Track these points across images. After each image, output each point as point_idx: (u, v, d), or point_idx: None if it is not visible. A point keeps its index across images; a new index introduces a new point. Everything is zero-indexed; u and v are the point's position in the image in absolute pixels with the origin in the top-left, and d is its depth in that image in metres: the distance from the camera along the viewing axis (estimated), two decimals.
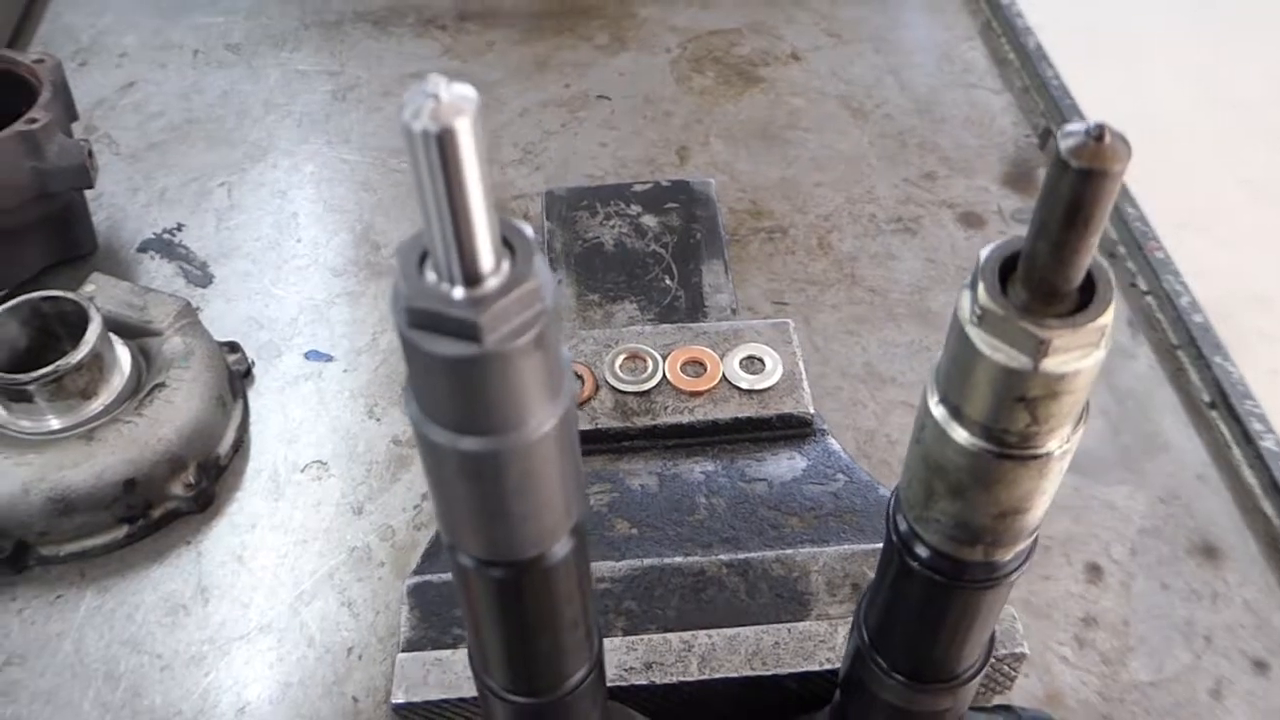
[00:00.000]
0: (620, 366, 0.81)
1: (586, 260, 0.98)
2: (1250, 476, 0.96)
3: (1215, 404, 1.01)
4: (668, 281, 0.96)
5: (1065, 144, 0.32)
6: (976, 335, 0.36)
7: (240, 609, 0.86)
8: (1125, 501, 0.95)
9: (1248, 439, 0.97)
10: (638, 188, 1.03)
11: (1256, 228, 1.28)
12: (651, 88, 1.37)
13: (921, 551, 0.45)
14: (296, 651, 0.84)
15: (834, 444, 0.78)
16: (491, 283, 0.33)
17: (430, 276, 0.34)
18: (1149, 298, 1.11)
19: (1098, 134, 0.32)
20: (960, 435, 0.39)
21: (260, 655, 0.83)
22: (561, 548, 0.42)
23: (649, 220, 1.00)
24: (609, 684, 0.61)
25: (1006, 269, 0.37)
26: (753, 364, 0.81)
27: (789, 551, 0.69)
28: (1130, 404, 1.02)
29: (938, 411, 0.40)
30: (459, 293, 0.33)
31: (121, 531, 0.89)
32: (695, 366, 0.81)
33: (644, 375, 0.80)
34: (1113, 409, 1.01)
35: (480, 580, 0.43)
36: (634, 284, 0.96)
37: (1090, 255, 0.34)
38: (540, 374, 0.36)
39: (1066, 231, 0.33)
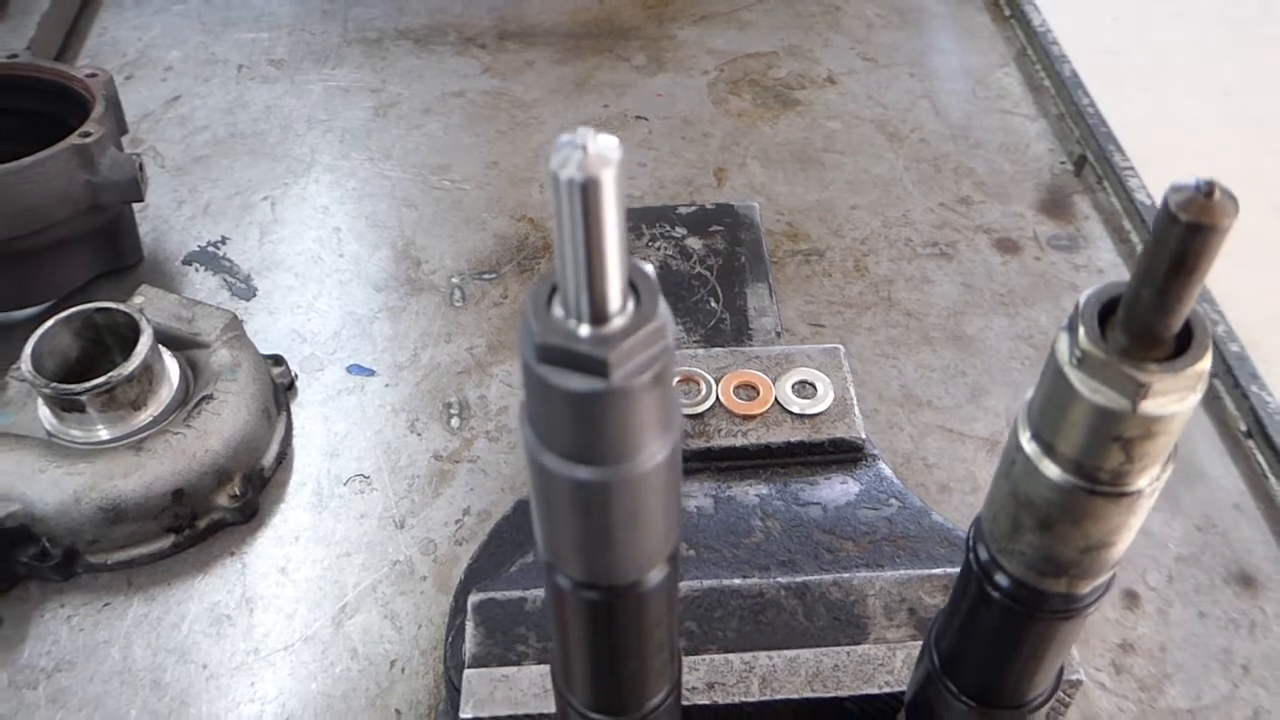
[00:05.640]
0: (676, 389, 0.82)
1: None
2: None
3: (1251, 433, 1.02)
4: (713, 304, 0.97)
5: (1175, 198, 0.33)
6: (1076, 377, 0.38)
7: (284, 620, 0.87)
8: (1162, 529, 0.95)
9: None
10: (682, 210, 1.04)
11: None
12: (689, 109, 1.38)
13: (1002, 581, 0.46)
14: (340, 664, 0.85)
15: (885, 469, 0.80)
16: (618, 321, 0.35)
17: (558, 313, 0.35)
18: None
19: (1208, 190, 0.33)
20: (1052, 471, 0.41)
21: (304, 666, 0.84)
22: (658, 574, 0.43)
23: (694, 243, 1.02)
24: None
25: (1104, 313, 0.38)
26: (804, 389, 0.82)
27: (846, 575, 0.70)
28: None
29: (1029, 447, 0.41)
30: (585, 330, 0.35)
31: (168, 541, 0.90)
32: (748, 390, 0.82)
33: (698, 398, 0.82)
34: None
35: (575, 601, 0.44)
36: (679, 306, 0.97)
37: (1192, 304, 0.36)
38: (656, 408, 0.37)
39: (1172, 281, 0.35)
